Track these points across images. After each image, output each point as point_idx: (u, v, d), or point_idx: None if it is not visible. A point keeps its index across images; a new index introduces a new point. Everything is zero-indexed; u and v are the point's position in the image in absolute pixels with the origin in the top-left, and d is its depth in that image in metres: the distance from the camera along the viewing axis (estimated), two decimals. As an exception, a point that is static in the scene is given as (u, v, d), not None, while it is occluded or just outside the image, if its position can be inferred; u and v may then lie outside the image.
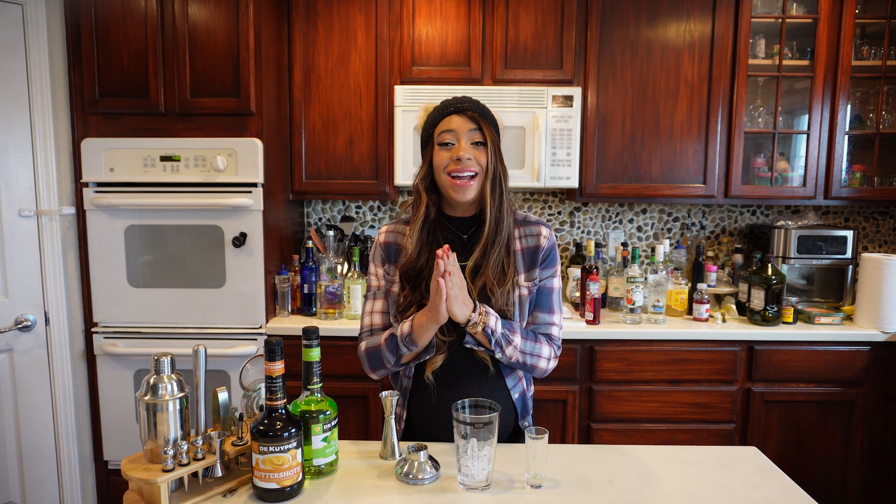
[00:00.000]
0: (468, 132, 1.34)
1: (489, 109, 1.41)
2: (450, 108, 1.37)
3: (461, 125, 1.34)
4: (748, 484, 1.20)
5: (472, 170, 1.32)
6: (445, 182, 1.34)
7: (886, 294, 2.42)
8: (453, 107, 1.37)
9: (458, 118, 1.35)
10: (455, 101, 1.38)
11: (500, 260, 1.34)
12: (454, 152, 1.33)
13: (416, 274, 1.36)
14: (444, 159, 1.34)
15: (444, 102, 1.40)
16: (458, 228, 1.42)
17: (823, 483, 2.48)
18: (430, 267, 1.34)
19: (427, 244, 1.38)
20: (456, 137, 1.34)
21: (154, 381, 1.10)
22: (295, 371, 1.35)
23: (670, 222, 3.03)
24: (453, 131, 1.34)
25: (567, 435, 2.45)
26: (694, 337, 2.42)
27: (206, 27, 2.31)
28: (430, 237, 1.39)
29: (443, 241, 1.39)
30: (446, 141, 1.35)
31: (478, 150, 1.34)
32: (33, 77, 2.23)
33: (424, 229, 1.38)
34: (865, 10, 2.66)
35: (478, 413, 1.15)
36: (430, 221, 1.39)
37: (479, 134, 1.34)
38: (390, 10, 2.58)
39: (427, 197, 1.38)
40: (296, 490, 1.11)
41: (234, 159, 2.33)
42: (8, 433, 2.25)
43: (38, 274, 2.30)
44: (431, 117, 1.40)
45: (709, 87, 2.61)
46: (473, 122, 1.34)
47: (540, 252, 1.40)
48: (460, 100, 1.38)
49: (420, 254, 1.37)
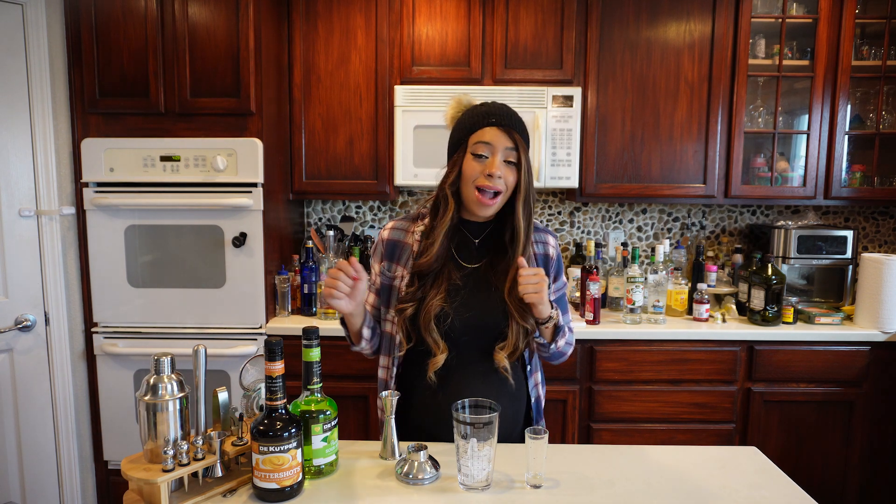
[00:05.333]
0: (504, 149, 1.32)
1: (522, 121, 1.38)
2: (491, 119, 1.33)
3: (499, 140, 1.32)
4: (748, 484, 1.20)
5: (499, 188, 1.32)
6: (471, 195, 1.34)
7: (886, 294, 2.42)
8: (496, 117, 1.33)
9: (497, 132, 1.32)
10: (497, 112, 1.34)
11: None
12: (487, 167, 1.31)
13: (428, 274, 1.37)
14: (476, 172, 1.32)
15: (483, 109, 1.36)
16: (471, 233, 1.43)
17: (823, 483, 2.48)
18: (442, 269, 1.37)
19: (445, 249, 1.38)
20: (491, 151, 1.32)
21: (154, 381, 1.10)
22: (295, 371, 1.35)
23: (670, 222, 3.03)
24: (490, 145, 1.32)
25: (567, 435, 2.45)
26: (694, 337, 2.42)
27: (206, 27, 2.31)
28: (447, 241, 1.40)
29: (455, 244, 1.41)
30: (480, 153, 1.33)
31: (509, 168, 1.33)
32: (33, 77, 2.23)
33: (447, 235, 1.38)
34: (865, 10, 2.66)
35: (478, 413, 1.14)
36: (452, 227, 1.39)
37: (514, 154, 1.33)
38: (390, 10, 2.58)
39: (454, 202, 1.37)
40: (296, 490, 1.11)
41: (234, 159, 2.33)
42: (8, 433, 2.25)
43: (38, 274, 2.30)
44: (468, 122, 1.36)
45: (709, 87, 2.61)
46: (511, 139, 1.33)
47: (550, 264, 1.47)
48: (501, 113, 1.35)
49: (438, 258, 1.37)
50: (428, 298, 1.34)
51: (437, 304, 1.33)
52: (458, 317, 1.34)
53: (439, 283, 1.35)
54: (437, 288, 1.35)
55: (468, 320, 1.35)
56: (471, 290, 1.37)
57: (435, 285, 1.35)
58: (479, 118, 1.35)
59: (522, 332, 1.36)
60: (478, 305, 1.36)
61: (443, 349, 1.34)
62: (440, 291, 1.34)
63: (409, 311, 1.35)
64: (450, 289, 1.35)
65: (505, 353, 1.35)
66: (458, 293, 1.36)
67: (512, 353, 1.36)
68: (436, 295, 1.34)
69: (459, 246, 1.41)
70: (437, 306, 1.33)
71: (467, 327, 1.34)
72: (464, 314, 1.35)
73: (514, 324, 1.34)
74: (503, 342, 1.35)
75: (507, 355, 1.35)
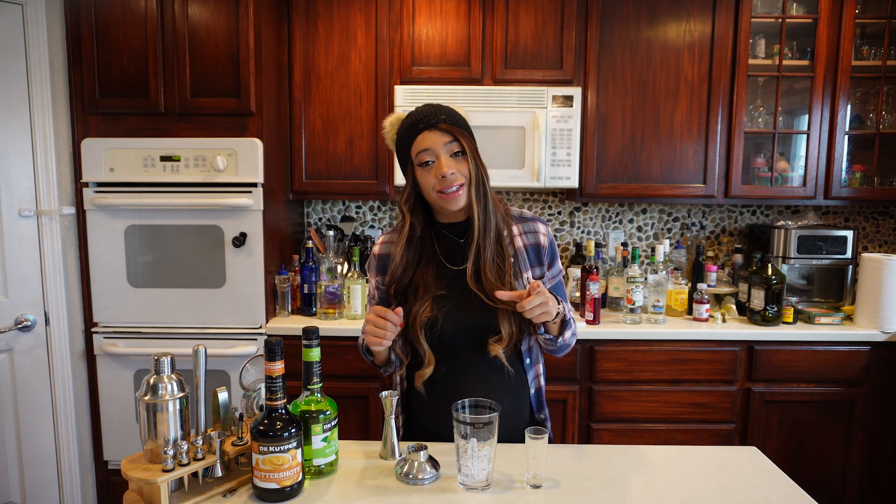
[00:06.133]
0: (445, 146, 1.31)
1: (457, 112, 1.37)
2: (420, 125, 1.33)
3: (436, 141, 1.31)
4: (748, 484, 1.20)
5: (458, 182, 1.32)
6: (436, 199, 1.34)
7: (886, 294, 2.42)
8: (423, 122, 1.33)
9: (432, 134, 1.31)
10: (424, 116, 1.33)
11: (493, 257, 1.35)
12: (436, 171, 1.31)
13: (403, 290, 1.39)
14: (430, 180, 1.32)
15: (410, 120, 1.36)
16: (454, 234, 1.42)
17: (823, 483, 2.48)
18: (416, 282, 1.37)
19: (414, 261, 1.39)
20: (434, 155, 1.31)
21: (154, 381, 1.10)
22: (295, 371, 1.35)
23: (670, 222, 3.03)
24: (430, 149, 1.31)
25: (567, 435, 2.45)
26: (694, 337, 2.42)
27: (206, 27, 2.31)
28: (418, 252, 1.40)
29: (440, 248, 1.41)
30: (426, 160, 1.32)
31: (458, 160, 1.33)
32: (33, 77, 2.23)
33: (410, 248, 1.39)
34: (865, 10, 2.66)
35: (478, 413, 1.14)
36: (416, 239, 1.39)
37: (456, 145, 1.32)
38: (390, 10, 2.58)
39: (412, 217, 1.38)
40: (296, 490, 1.11)
41: (234, 159, 2.33)
42: (8, 433, 2.25)
43: (38, 274, 2.30)
44: (403, 136, 1.36)
45: (709, 87, 2.61)
46: (447, 133, 1.32)
47: (543, 252, 1.43)
48: (428, 113, 1.34)
49: (405, 271, 1.38)
50: (413, 312, 1.34)
51: (425, 315, 1.33)
52: (449, 321, 1.34)
53: (420, 293, 1.36)
54: (420, 300, 1.35)
55: (459, 322, 1.34)
56: (460, 293, 1.36)
57: (416, 297, 1.36)
58: (409, 130, 1.34)
59: (515, 325, 1.35)
60: (468, 308, 1.35)
61: (429, 361, 1.34)
62: (425, 301, 1.34)
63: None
64: (436, 295, 1.35)
65: (501, 347, 1.34)
66: (445, 298, 1.36)
67: (507, 343, 1.35)
68: (421, 305, 1.34)
69: (449, 250, 1.41)
70: (424, 317, 1.33)
71: (459, 329, 1.34)
72: (454, 317, 1.34)
73: (505, 321, 1.34)
74: (496, 335, 1.35)
75: (503, 348, 1.34)
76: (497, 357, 1.35)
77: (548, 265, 1.44)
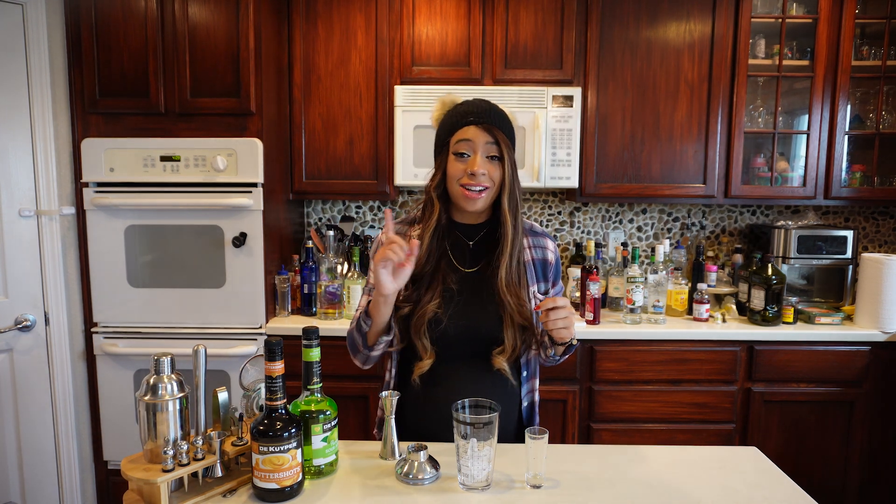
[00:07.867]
0: (485, 145, 1.32)
1: (506, 115, 1.38)
2: (470, 118, 1.33)
3: (478, 136, 1.32)
4: (748, 484, 1.20)
5: (484, 185, 1.32)
6: (457, 192, 1.34)
7: (886, 294, 2.42)
8: (474, 116, 1.33)
9: (476, 129, 1.32)
10: (475, 111, 1.34)
11: (516, 269, 1.36)
12: (469, 166, 1.31)
13: (421, 276, 1.37)
14: (459, 171, 1.33)
15: (462, 108, 1.36)
16: (465, 235, 1.42)
17: (823, 483, 2.48)
18: (435, 271, 1.36)
19: (436, 250, 1.38)
20: (472, 149, 1.32)
21: (154, 381, 1.10)
22: (295, 371, 1.35)
23: (670, 222, 3.03)
24: (470, 142, 1.32)
25: (567, 435, 2.45)
26: (694, 337, 2.42)
27: (206, 27, 2.31)
28: (438, 243, 1.39)
29: (450, 247, 1.40)
30: (462, 151, 1.33)
31: (492, 164, 1.33)
32: (33, 77, 2.23)
33: (435, 236, 1.38)
34: (865, 10, 2.66)
35: (478, 413, 1.14)
36: (441, 228, 1.39)
37: (495, 148, 1.33)
38: (390, 10, 2.58)
39: (440, 204, 1.38)
40: (296, 490, 1.11)
41: (234, 159, 2.33)
42: (8, 433, 2.25)
43: (37, 274, 2.30)
44: (449, 123, 1.37)
45: (709, 88, 2.61)
46: (491, 134, 1.32)
47: (549, 269, 1.45)
48: (480, 111, 1.34)
49: (429, 259, 1.37)
50: (423, 302, 1.34)
51: (432, 310, 1.33)
52: (452, 323, 1.34)
53: (434, 286, 1.35)
54: (432, 291, 1.35)
55: (461, 327, 1.34)
56: (466, 297, 1.36)
57: (430, 288, 1.35)
58: (459, 117, 1.35)
59: (519, 337, 1.36)
60: (473, 313, 1.36)
61: (430, 354, 1.34)
62: (435, 295, 1.34)
63: (404, 310, 1.35)
64: (445, 293, 1.35)
65: (503, 358, 1.35)
66: (453, 299, 1.35)
67: (510, 355, 1.36)
68: (431, 299, 1.34)
69: (453, 248, 1.41)
70: (431, 311, 1.33)
71: (460, 334, 1.34)
72: (458, 321, 1.34)
73: (509, 330, 1.34)
74: (499, 347, 1.35)
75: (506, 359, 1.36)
76: (501, 370, 1.36)
77: (552, 282, 1.46)
